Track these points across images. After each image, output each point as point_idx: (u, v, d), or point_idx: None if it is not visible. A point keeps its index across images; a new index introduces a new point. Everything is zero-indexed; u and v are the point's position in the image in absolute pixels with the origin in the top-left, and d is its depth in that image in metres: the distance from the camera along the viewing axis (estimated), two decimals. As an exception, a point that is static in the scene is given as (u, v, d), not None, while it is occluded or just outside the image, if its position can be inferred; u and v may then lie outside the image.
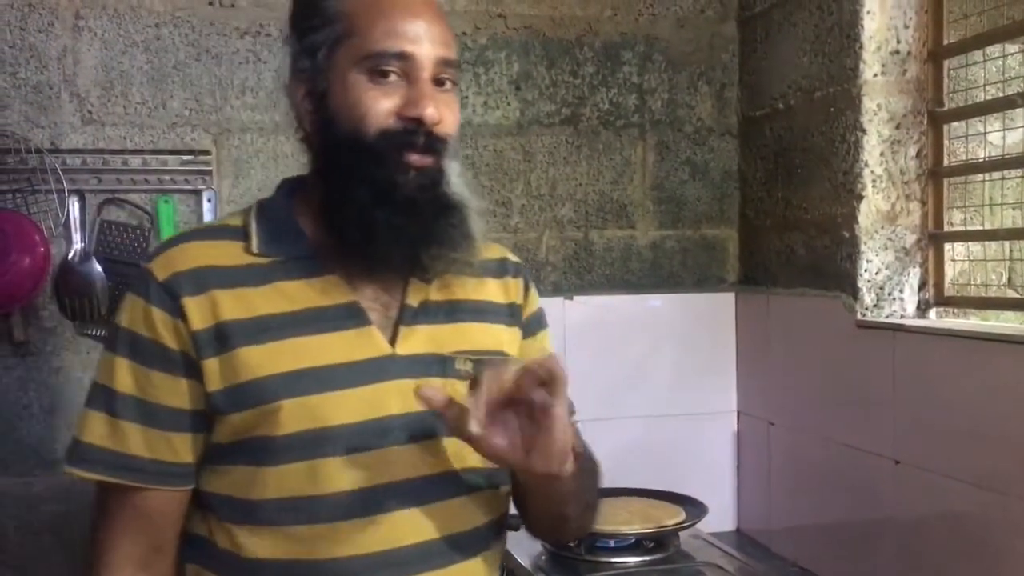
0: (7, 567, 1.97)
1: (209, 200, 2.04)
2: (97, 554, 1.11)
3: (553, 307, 2.20)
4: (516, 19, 2.25)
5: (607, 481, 1.43)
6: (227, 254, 1.11)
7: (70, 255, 1.97)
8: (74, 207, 1.96)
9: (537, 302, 1.30)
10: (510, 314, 1.25)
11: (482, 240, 1.16)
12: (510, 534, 1.82)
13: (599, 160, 2.32)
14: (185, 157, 2.04)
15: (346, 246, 1.10)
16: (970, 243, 1.89)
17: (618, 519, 1.85)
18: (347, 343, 1.09)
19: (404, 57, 1.08)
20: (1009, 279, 1.86)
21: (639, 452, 2.16)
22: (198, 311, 1.07)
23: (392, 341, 1.12)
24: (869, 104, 1.89)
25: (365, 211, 1.07)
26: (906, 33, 1.90)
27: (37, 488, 1.98)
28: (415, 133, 1.08)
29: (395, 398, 1.09)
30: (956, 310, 1.88)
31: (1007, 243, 1.83)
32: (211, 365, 1.06)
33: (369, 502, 1.07)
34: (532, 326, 1.28)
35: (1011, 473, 1.51)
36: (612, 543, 1.85)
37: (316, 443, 1.06)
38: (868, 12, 1.88)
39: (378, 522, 1.07)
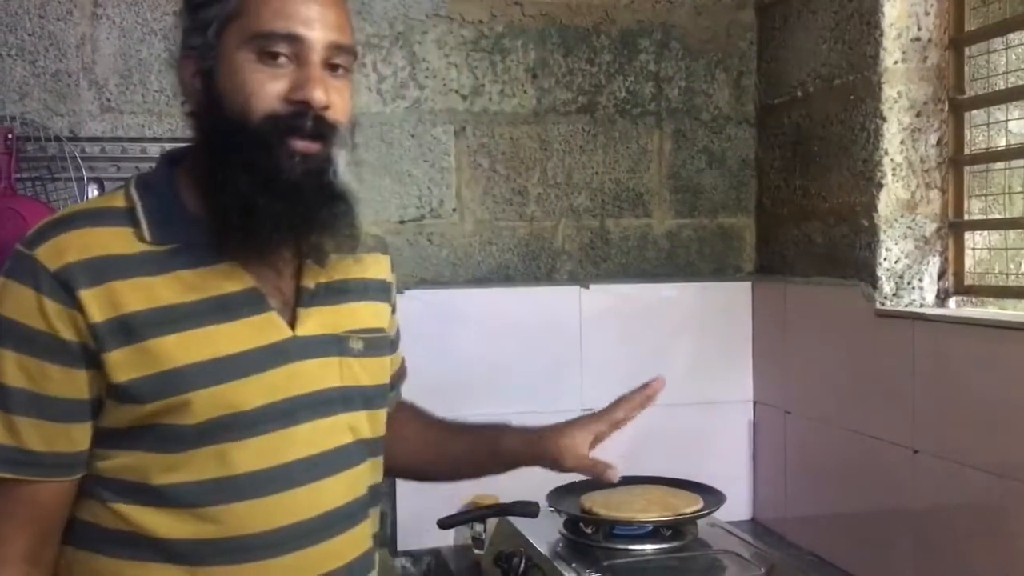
0: None
1: (227, 188, 2.04)
2: None
3: (569, 296, 2.21)
4: (533, 7, 2.25)
5: (624, 469, 1.43)
6: (120, 242, 1.07)
7: (89, 243, 1.98)
8: (93, 194, 1.97)
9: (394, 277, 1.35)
10: (384, 290, 1.29)
11: (364, 228, 1.15)
12: (527, 520, 1.86)
13: (615, 148, 2.31)
14: (203, 145, 2.04)
15: (228, 231, 1.08)
16: (990, 232, 1.88)
17: (636, 507, 1.85)
18: (252, 329, 1.10)
19: (294, 39, 1.06)
20: (1029, 268, 1.85)
21: (656, 440, 2.15)
22: (97, 304, 1.04)
23: (292, 324, 1.13)
24: (889, 92, 1.88)
25: (246, 197, 1.06)
26: (927, 20, 1.89)
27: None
28: (302, 117, 1.06)
29: (299, 379, 1.12)
30: (975, 299, 1.88)
31: (1027, 231, 1.83)
32: (116, 357, 1.04)
33: (278, 480, 1.09)
34: (395, 302, 1.34)
35: (1031, 462, 1.51)
36: (630, 530, 1.85)
37: (227, 428, 1.07)
38: (888, -1, 1.87)
39: (286, 498, 1.10)
